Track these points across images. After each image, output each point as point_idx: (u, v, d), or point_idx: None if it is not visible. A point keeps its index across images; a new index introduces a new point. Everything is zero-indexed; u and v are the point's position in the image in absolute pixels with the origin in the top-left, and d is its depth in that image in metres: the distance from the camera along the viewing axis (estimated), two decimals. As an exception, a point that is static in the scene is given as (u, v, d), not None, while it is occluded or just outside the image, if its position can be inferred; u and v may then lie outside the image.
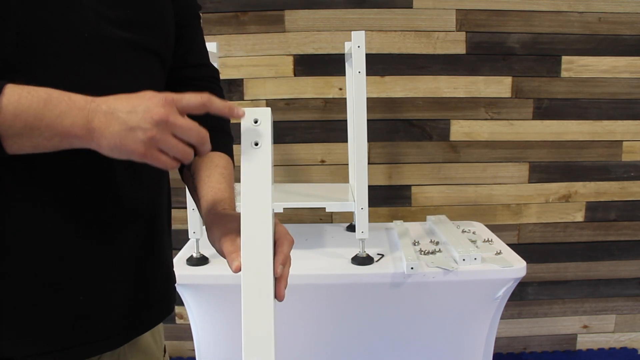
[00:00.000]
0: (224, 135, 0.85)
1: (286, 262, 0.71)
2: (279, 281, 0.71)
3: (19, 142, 0.56)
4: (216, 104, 0.62)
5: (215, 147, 0.72)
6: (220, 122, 0.82)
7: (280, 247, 0.69)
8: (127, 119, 0.57)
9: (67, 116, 0.56)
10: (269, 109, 0.67)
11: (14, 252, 0.64)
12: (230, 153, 0.85)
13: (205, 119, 0.64)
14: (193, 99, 0.60)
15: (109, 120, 0.57)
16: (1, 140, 0.55)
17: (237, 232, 0.65)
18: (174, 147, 0.59)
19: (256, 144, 0.66)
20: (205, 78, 0.90)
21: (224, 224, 0.70)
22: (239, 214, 0.65)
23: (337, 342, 1.48)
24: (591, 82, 1.96)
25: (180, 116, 0.59)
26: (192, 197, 0.85)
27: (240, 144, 0.67)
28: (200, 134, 0.61)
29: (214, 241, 0.72)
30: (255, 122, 0.66)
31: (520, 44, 1.92)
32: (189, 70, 0.87)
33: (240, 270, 0.64)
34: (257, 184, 0.65)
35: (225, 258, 0.67)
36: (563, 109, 1.97)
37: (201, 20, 0.92)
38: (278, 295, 0.70)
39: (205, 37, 0.94)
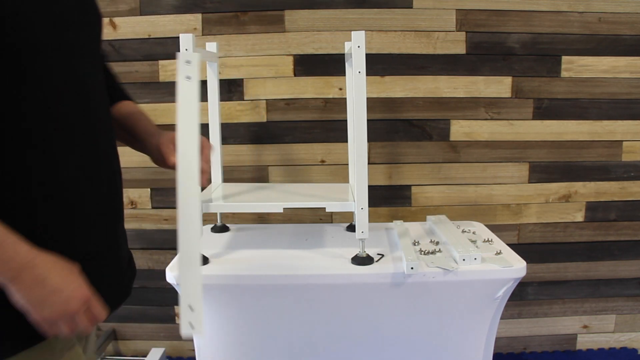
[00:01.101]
0: (121, 88, 1.10)
1: (208, 160, 0.99)
2: (203, 174, 0.96)
3: None
4: None
5: (124, 97, 1.06)
6: (117, 87, 1.07)
7: (204, 149, 0.96)
8: (51, 301, 0.63)
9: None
10: (197, 54, 0.97)
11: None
12: (130, 97, 1.10)
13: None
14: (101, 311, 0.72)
15: (34, 287, 0.63)
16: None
17: (173, 141, 0.92)
18: (75, 329, 0.67)
19: (188, 78, 0.93)
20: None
21: (163, 136, 0.97)
22: (173, 132, 0.92)
23: (337, 342, 1.48)
24: (591, 82, 1.96)
25: (88, 314, 0.69)
26: (126, 136, 1.05)
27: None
28: (98, 319, 0.71)
29: (153, 145, 0.98)
30: (188, 62, 0.94)
31: (520, 44, 1.92)
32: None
33: (174, 164, 0.91)
34: (189, 106, 0.92)
35: (162, 156, 0.95)
36: (563, 109, 1.97)
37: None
38: (202, 184, 0.94)
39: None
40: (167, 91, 1.90)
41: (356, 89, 1.36)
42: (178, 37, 1.31)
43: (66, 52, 0.72)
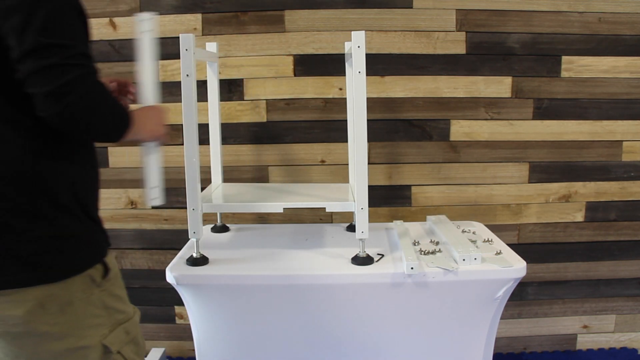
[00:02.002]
0: None
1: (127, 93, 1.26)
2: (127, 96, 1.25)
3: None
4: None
5: None
6: None
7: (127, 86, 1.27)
8: (157, 127, 1.13)
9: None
10: (151, 14, 1.17)
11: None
12: None
13: None
14: None
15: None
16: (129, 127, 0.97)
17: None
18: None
19: (144, 32, 1.17)
20: None
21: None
22: None
23: (337, 342, 1.48)
24: (591, 82, 1.96)
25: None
26: None
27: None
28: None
29: None
30: (143, 20, 1.17)
31: (520, 44, 1.92)
32: None
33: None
34: (147, 54, 1.18)
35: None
36: (563, 109, 1.97)
37: None
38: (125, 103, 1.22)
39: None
40: (167, 91, 1.90)
41: (356, 89, 1.36)
42: (178, 37, 1.31)
43: None
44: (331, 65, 1.92)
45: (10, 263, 0.89)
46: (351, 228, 1.77)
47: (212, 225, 1.81)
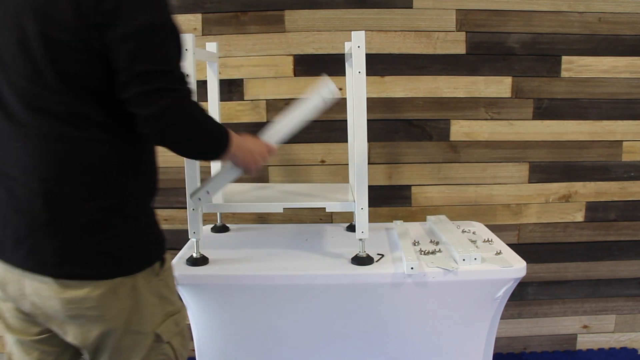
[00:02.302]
0: None
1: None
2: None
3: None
4: None
5: None
6: None
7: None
8: (255, 157, 1.21)
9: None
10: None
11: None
12: None
13: None
14: None
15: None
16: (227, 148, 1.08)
17: None
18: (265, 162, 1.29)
19: None
20: None
21: None
22: None
23: (337, 342, 1.48)
24: (591, 82, 1.96)
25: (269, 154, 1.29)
26: None
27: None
28: (273, 154, 1.30)
29: None
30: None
31: (520, 44, 1.92)
32: None
33: None
34: (306, 111, 1.36)
35: None
36: (563, 109, 1.97)
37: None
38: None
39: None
40: (167, 91, 1.90)
41: (356, 89, 1.36)
42: (178, 37, 1.31)
43: None
44: (331, 65, 1.92)
45: (101, 257, 0.97)
46: (351, 228, 1.77)
47: (212, 225, 1.81)
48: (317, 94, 1.32)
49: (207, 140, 1.05)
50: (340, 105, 1.94)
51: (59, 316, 0.99)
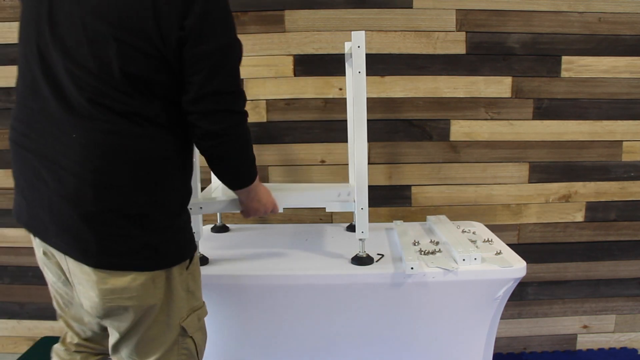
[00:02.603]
0: None
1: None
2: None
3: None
4: None
5: None
6: None
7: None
8: (260, 207, 1.31)
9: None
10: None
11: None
12: None
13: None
14: None
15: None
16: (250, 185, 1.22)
17: None
18: (267, 214, 1.36)
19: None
20: None
21: None
22: None
23: (337, 342, 1.48)
24: (591, 82, 1.96)
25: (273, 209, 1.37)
26: None
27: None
28: (275, 212, 1.38)
29: None
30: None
31: (520, 44, 1.92)
32: None
33: None
34: None
35: None
36: (563, 109, 1.97)
37: None
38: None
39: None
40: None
41: (356, 89, 1.36)
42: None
43: None
44: (331, 65, 1.92)
45: (144, 249, 1.02)
46: (351, 228, 1.77)
47: (212, 225, 1.81)
48: (336, 192, 1.46)
49: (244, 168, 1.16)
50: (340, 105, 1.94)
51: (96, 308, 1.04)
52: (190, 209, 1.40)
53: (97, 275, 1.00)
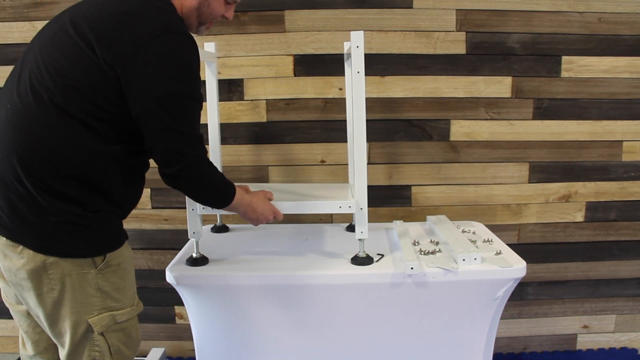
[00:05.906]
0: None
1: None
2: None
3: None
4: None
5: None
6: None
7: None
8: (258, 215, 1.35)
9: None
10: None
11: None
12: None
13: None
14: None
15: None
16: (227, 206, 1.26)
17: None
18: (268, 222, 1.40)
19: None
20: None
21: None
22: None
23: (337, 342, 1.48)
24: (591, 82, 1.96)
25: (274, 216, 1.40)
26: None
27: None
28: (278, 219, 1.41)
29: None
30: None
31: (520, 44, 1.92)
32: None
33: None
34: None
35: None
36: (563, 109, 1.97)
37: None
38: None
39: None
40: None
41: (355, 89, 1.36)
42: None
43: None
44: (331, 65, 1.92)
45: (41, 232, 1.08)
46: (351, 228, 1.77)
47: (212, 225, 1.81)
48: (336, 205, 1.44)
49: (213, 195, 1.22)
50: (340, 105, 1.94)
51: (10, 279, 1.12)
52: (193, 209, 1.41)
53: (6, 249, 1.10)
